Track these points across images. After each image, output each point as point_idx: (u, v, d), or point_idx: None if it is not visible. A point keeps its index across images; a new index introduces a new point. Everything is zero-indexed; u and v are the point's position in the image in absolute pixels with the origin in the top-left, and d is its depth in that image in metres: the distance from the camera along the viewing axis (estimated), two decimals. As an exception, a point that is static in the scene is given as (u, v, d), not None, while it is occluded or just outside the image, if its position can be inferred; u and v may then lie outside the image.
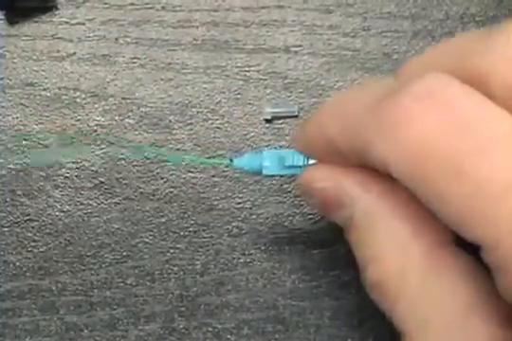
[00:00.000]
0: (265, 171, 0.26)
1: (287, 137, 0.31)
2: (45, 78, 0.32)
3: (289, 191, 0.31)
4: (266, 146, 0.31)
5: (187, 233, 0.30)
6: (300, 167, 0.25)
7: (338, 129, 0.21)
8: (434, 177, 0.18)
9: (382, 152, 0.19)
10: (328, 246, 0.30)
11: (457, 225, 0.18)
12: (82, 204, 0.31)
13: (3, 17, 0.32)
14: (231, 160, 0.27)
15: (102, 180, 0.31)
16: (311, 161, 0.24)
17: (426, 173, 0.18)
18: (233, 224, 0.30)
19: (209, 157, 0.31)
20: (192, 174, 0.31)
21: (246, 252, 0.30)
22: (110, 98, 0.31)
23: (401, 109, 0.18)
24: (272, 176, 0.27)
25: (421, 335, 0.19)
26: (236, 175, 0.31)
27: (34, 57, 0.32)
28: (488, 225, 0.17)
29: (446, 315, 0.19)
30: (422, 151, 0.18)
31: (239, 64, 0.32)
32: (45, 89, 0.31)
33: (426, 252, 0.20)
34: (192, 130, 0.31)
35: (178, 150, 0.31)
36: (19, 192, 0.31)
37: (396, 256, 0.20)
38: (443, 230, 0.20)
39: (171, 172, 0.31)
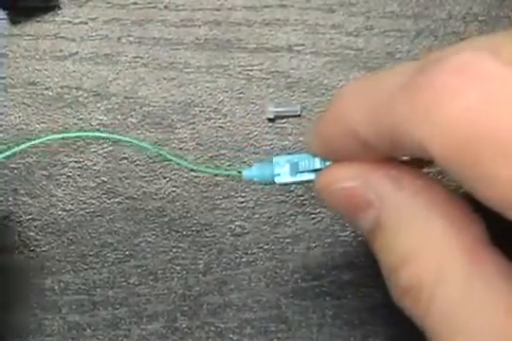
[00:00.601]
0: (277, 180, 0.24)
1: (290, 137, 0.31)
2: (48, 77, 0.32)
3: (292, 191, 0.31)
4: (269, 145, 0.31)
5: (190, 232, 0.30)
6: (315, 171, 0.23)
7: (362, 118, 0.19)
8: (480, 156, 0.16)
9: (421, 135, 0.17)
10: (330, 246, 0.30)
11: (507, 209, 0.16)
12: (84, 203, 0.31)
13: (5, 17, 0.32)
14: (240, 172, 0.25)
15: (105, 179, 0.31)
16: (328, 163, 0.22)
17: (471, 153, 0.16)
18: (236, 223, 0.30)
19: (203, 162, 0.31)
20: (195, 174, 0.31)
21: (249, 251, 0.30)
22: (112, 98, 0.31)
23: (439, 83, 0.17)
24: (286, 185, 0.25)
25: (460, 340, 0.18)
26: (239, 175, 0.31)
27: (37, 56, 0.32)
28: None
29: (489, 317, 0.17)
30: (466, 128, 0.16)
31: (242, 64, 0.32)
32: (47, 88, 0.31)
33: (467, 249, 0.18)
34: (194, 129, 0.31)
35: (181, 149, 0.31)
36: (21, 191, 0.31)
37: (433, 255, 0.18)
38: (481, 228, 0.19)
39: (173, 172, 0.31)
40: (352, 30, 0.32)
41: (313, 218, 0.30)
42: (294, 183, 0.24)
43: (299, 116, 0.31)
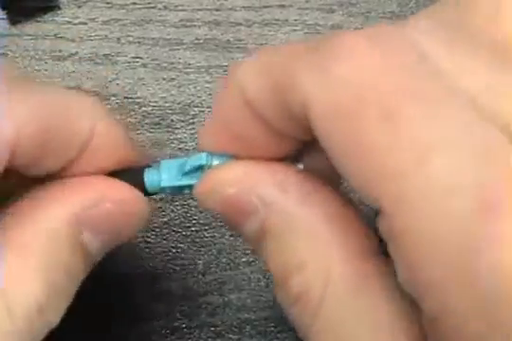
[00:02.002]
0: (162, 184, 0.21)
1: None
2: (47, 77, 0.32)
3: (291, 191, 0.30)
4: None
5: (189, 233, 0.30)
6: (201, 169, 0.20)
7: (256, 81, 0.17)
8: (361, 121, 0.15)
9: (308, 89, 0.16)
10: (330, 246, 0.30)
11: (366, 182, 0.15)
12: (83, 203, 0.30)
13: (5, 17, 0.32)
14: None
15: (104, 179, 0.31)
16: (215, 162, 0.20)
17: (352, 115, 0.15)
18: (235, 223, 0.30)
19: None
20: (194, 174, 0.31)
21: (248, 251, 0.30)
22: (112, 98, 0.31)
23: (347, 41, 0.16)
24: (176, 190, 0.21)
25: None
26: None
27: (36, 56, 0.32)
28: (401, 184, 0.15)
29: (371, 332, 0.17)
30: (354, 87, 0.15)
31: (241, 64, 0.32)
32: (47, 88, 0.31)
33: (352, 259, 0.17)
34: (193, 129, 0.31)
35: (181, 149, 0.31)
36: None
37: (321, 264, 0.17)
38: (370, 238, 0.18)
39: (173, 172, 0.31)
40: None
41: (313, 218, 0.30)
42: (183, 187, 0.21)
43: (298, 116, 0.31)
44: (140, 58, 0.32)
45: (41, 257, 0.19)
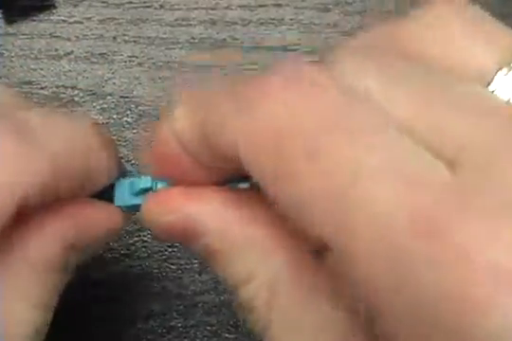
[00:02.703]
0: (116, 202, 0.22)
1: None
2: (43, 76, 0.32)
3: (287, 190, 0.30)
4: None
5: (185, 232, 0.30)
6: (150, 190, 0.21)
7: (191, 118, 0.18)
8: (285, 157, 0.16)
9: (234, 128, 0.17)
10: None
11: (301, 218, 0.16)
12: (79, 202, 0.30)
13: (1, 16, 0.32)
14: None
15: (100, 179, 0.31)
16: (160, 184, 0.21)
17: (277, 152, 0.16)
18: (231, 222, 0.30)
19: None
20: (190, 173, 0.31)
21: (245, 250, 0.30)
22: (108, 97, 0.31)
23: (265, 84, 0.17)
24: (133, 209, 0.22)
25: None
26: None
27: (32, 55, 0.32)
28: (328, 218, 0.15)
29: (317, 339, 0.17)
30: (277, 127, 0.16)
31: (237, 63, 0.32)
32: (42, 88, 0.31)
33: (293, 267, 0.18)
34: (190, 128, 0.31)
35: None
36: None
37: (266, 276, 0.18)
38: (305, 243, 0.18)
39: (169, 171, 0.31)
40: (347, 29, 0.32)
41: (309, 217, 0.30)
42: (137, 206, 0.21)
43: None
44: (136, 57, 0.32)
45: (37, 289, 0.20)
